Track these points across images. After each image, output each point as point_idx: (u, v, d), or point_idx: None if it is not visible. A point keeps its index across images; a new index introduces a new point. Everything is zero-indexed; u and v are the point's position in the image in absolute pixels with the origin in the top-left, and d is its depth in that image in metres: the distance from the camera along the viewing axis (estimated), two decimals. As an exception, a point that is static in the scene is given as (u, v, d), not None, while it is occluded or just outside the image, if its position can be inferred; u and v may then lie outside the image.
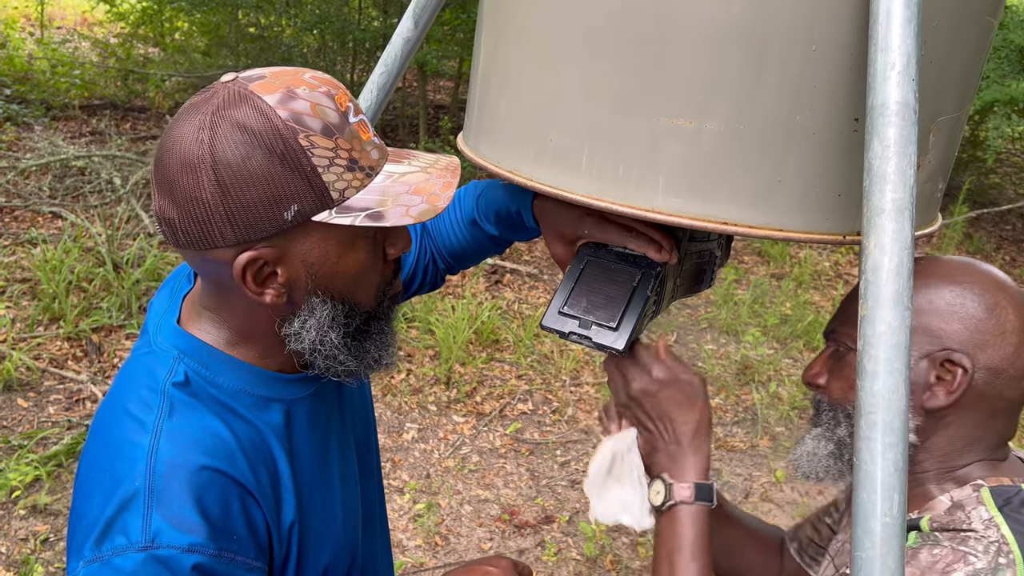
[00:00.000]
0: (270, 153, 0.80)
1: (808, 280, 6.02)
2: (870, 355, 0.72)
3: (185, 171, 0.80)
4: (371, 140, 0.88)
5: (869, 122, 0.76)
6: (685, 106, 0.86)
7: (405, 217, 0.84)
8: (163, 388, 0.89)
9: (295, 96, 0.82)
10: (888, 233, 0.73)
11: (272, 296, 0.87)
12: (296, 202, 0.81)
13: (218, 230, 0.82)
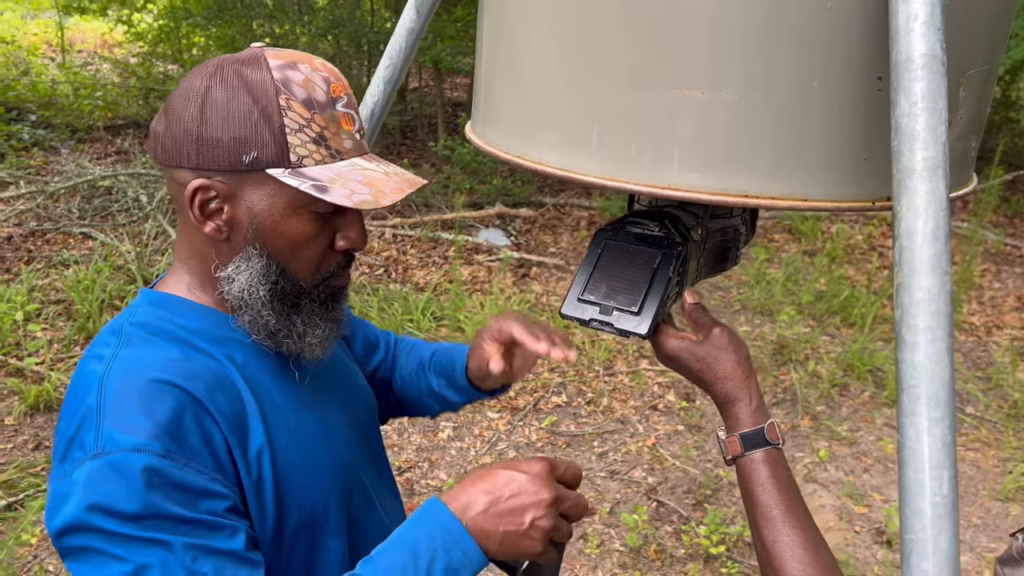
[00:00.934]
0: (252, 100, 0.88)
1: (841, 255, 5.91)
2: (909, 325, 0.68)
3: (183, 96, 0.90)
4: (350, 132, 0.94)
5: (894, 78, 0.72)
6: (696, 76, 0.82)
7: (346, 199, 0.89)
8: (121, 327, 0.94)
9: (295, 67, 0.91)
10: (921, 195, 0.69)
11: (212, 229, 0.92)
12: (257, 150, 0.89)
13: (186, 151, 0.90)
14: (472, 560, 0.85)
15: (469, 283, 5.07)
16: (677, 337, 1.03)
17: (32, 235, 5.29)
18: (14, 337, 4.02)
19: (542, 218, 6.17)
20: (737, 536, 3.19)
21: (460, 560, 0.84)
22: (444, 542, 0.84)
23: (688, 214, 1.11)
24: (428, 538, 0.85)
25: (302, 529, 0.97)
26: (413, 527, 0.87)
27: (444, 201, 6.12)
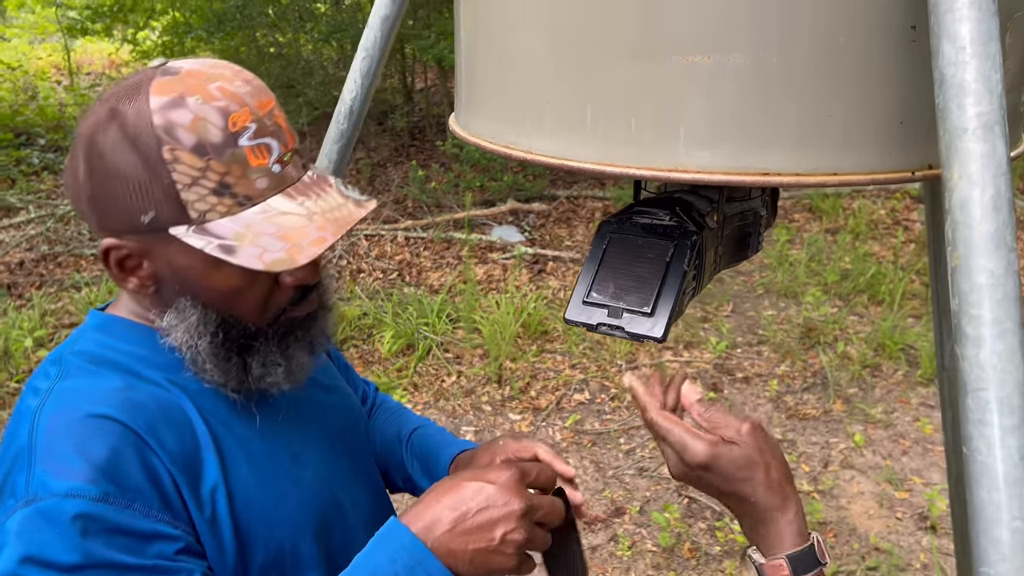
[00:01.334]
0: (137, 156, 0.77)
1: (865, 231, 5.74)
2: (970, 316, 0.57)
3: (75, 146, 0.82)
4: (263, 167, 0.81)
5: (934, 21, 0.60)
6: (700, 39, 0.71)
7: (256, 260, 0.79)
8: (62, 356, 0.88)
9: (182, 104, 0.78)
10: (976, 158, 0.57)
11: (136, 285, 0.85)
12: (153, 209, 0.79)
13: (85, 210, 0.83)
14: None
15: (484, 282, 4.97)
16: (706, 439, 0.83)
17: (43, 259, 5.26)
18: (26, 364, 3.98)
19: (556, 211, 6.06)
20: (774, 530, 3.07)
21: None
22: (407, 565, 0.76)
23: (702, 199, 1.00)
24: (389, 562, 0.76)
25: (270, 568, 0.88)
26: (374, 551, 0.78)
27: (455, 200, 6.03)
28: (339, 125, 1.16)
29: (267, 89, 0.85)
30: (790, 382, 4.04)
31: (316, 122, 7.01)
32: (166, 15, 8.68)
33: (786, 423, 3.74)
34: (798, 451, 3.55)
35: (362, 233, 5.60)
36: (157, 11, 8.70)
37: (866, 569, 2.91)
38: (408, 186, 6.25)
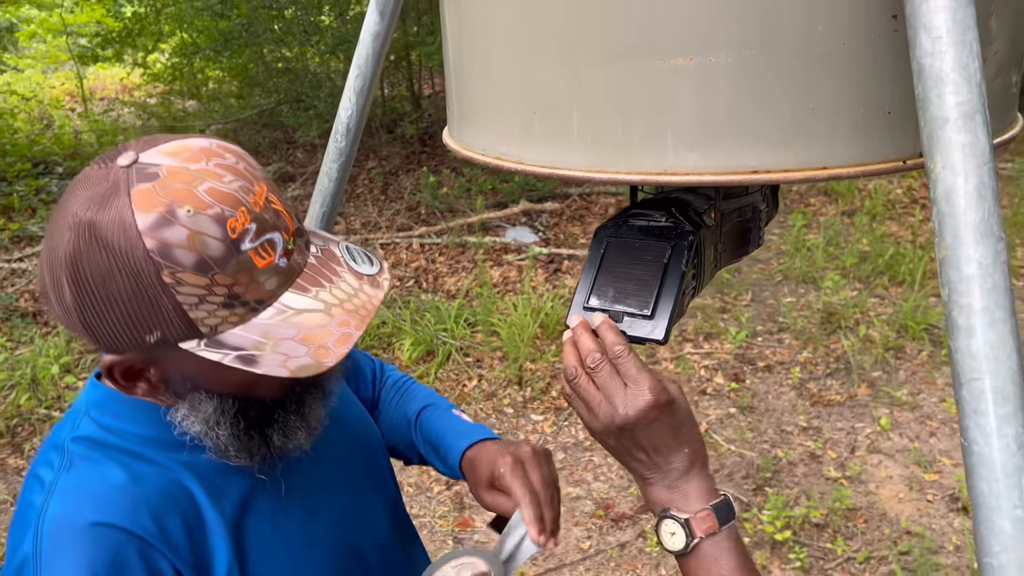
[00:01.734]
0: (129, 282, 0.71)
1: (882, 211, 5.69)
2: (960, 306, 0.57)
3: (52, 266, 0.73)
4: (271, 266, 0.75)
5: (910, 11, 0.60)
6: (678, 42, 0.72)
7: (280, 368, 0.74)
8: (63, 444, 0.84)
9: (173, 221, 0.70)
10: (957, 147, 0.57)
11: (144, 390, 0.80)
12: (159, 329, 0.73)
13: (81, 332, 0.75)
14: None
15: (500, 284, 4.98)
16: (668, 391, 0.83)
17: (66, 286, 5.34)
18: (54, 390, 4.04)
19: (569, 210, 6.05)
20: (803, 519, 3.05)
21: None
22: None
23: (699, 197, 1.00)
24: None
25: None
26: None
27: (468, 204, 6.04)
28: (337, 143, 1.17)
29: (257, 169, 0.78)
30: (813, 368, 4.02)
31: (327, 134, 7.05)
32: (174, 37, 8.77)
33: (810, 410, 3.72)
34: (824, 437, 3.52)
35: (378, 242, 5.63)
36: (165, 33, 8.80)
37: (898, 554, 2.88)
38: (420, 192, 6.27)
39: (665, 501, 0.84)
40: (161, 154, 0.74)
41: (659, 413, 0.81)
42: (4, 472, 3.57)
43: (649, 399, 0.80)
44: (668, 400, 0.82)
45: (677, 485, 0.84)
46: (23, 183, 6.99)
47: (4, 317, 4.82)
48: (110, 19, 9.31)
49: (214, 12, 7.67)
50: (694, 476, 0.84)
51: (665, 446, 0.83)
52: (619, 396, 0.82)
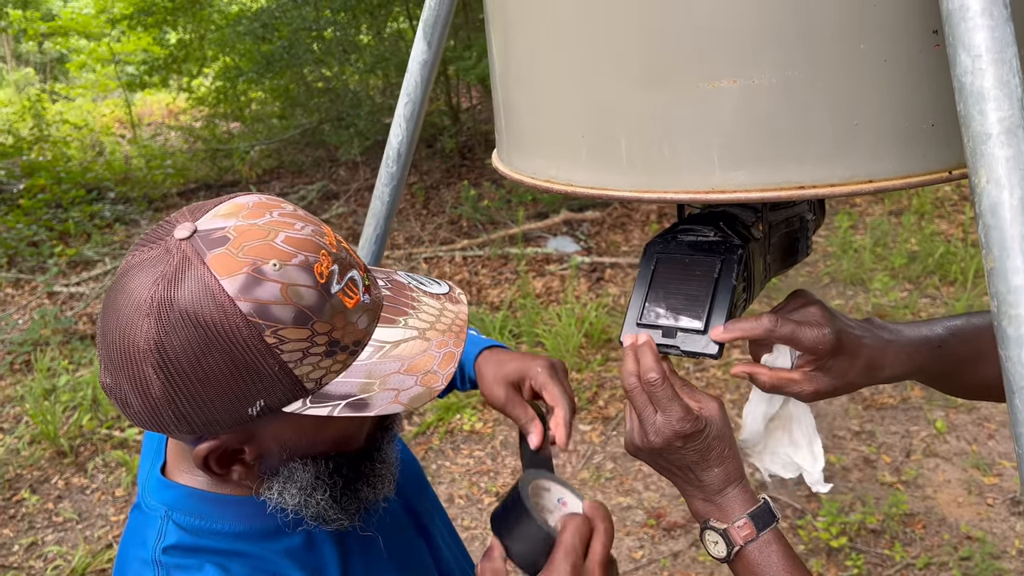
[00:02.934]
0: (228, 352, 0.67)
1: (930, 210, 5.60)
2: (1010, 316, 0.58)
3: (130, 361, 0.68)
4: (359, 304, 0.73)
5: (948, 31, 0.62)
6: (724, 64, 0.74)
7: (394, 404, 0.72)
8: (154, 558, 0.79)
9: (262, 279, 0.67)
10: (1001, 162, 0.59)
11: (240, 473, 0.77)
12: (262, 398, 0.70)
13: (171, 423, 0.71)
14: None
15: (543, 295, 5.01)
16: (711, 405, 0.88)
17: (122, 308, 5.50)
18: (114, 410, 4.17)
19: (610, 218, 6.06)
20: (859, 524, 3.01)
21: None
22: None
23: (746, 210, 1.02)
24: None
25: None
26: None
27: (509, 216, 6.09)
28: (388, 168, 1.21)
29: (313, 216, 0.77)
30: (863, 372, 3.96)
31: (368, 151, 7.17)
32: (217, 61, 9.00)
33: (863, 414, 3.67)
34: (878, 442, 3.48)
35: (421, 257, 5.70)
36: (209, 58, 9.03)
37: (959, 559, 2.83)
38: (462, 206, 6.34)
39: (704, 512, 0.88)
40: (219, 217, 0.71)
41: (685, 442, 0.85)
42: (70, 491, 3.69)
43: (675, 429, 0.85)
44: (695, 430, 0.85)
45: (713, 499, 0.87)
46: (77, 209, 7.22)
47: (64, 340, 4.99)
48: (156, 47, 9.61)
49: (256, 36, 7.86)
50: (729, 490, 0.87)
51: (696, 466, 0.87)
52: (649, 422, 0.86)
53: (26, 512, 3.54)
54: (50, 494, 3.67)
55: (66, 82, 14.07)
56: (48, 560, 3.25)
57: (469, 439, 3.78)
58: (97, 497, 3.64)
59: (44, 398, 4.20)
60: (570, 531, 0.84)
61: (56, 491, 3.69)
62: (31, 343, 4.91)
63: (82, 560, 3.16)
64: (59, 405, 4.16)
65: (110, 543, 3.31)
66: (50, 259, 6.24)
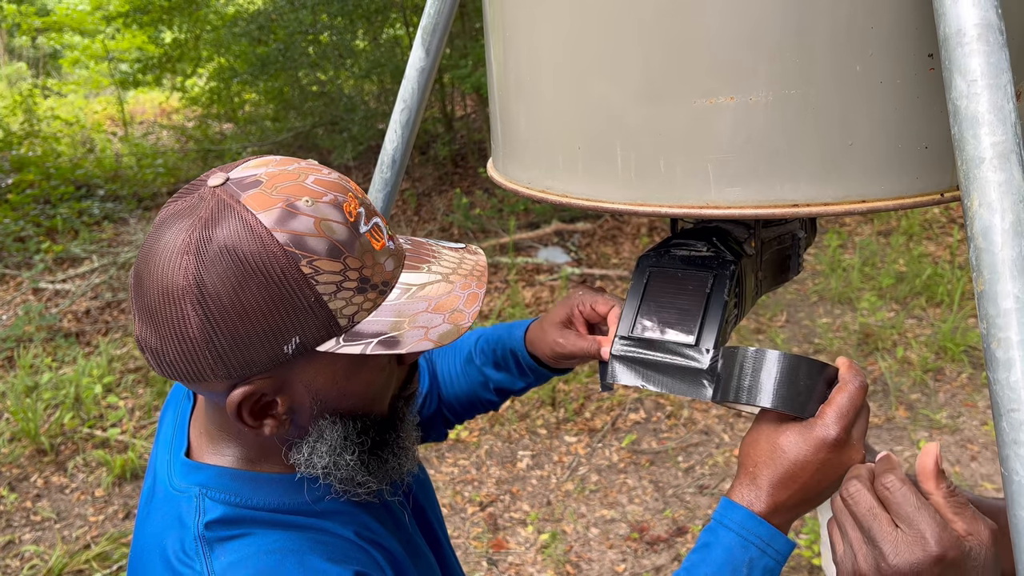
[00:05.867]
0: (266, 284, 0.69)
1: (919, 231, 5.64)
2: (999, 339, 0.58)
3: (167, 302, 0.70)
4: (385, 248, 0.77)
5: (944, 55, 0.63)
6: (721, 80, 0.74)
7: (424, 341, 0.75)
8: (197, 533, 0.77)
9: (296, 212, 0.70)
10: (994, 186, 0.59)
11: (272, 427, 0.78)
12: (298, 334, 0.71)
13: (208, 367, 0.72)
14: (786, 553, 0.81)
15: (533, 305, 5.01)
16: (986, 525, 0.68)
17: (108, 306, 5.46)
18: (96, 409, 4.13)
19: (601, 230, 6.08)
20: (840, 543, 3.02)
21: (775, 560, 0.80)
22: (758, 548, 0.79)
23: (739, 226, 1.03)
24: (742, 549, 0.79)
25: None
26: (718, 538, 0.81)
27: (500, 225, 6.09)
28: (383, 174, 1.21)
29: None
30: (849, 390, 3.98)
31: (361, 156, 7.17)
32: (212, 61, 8.98)
33: (847, 432, 3.68)
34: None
35: (411, 263, 5.68)
36: (203, 58, 9.01)
37: (939, 579, 2.84)
38: (453, 213, 6.34)
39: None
40: (250, 168, 0.75)
41: (942, 570, 0.63)
42: (49, 490, 3.66)
43: (933, 552, 0.63)
44: (958, 555, 0.64)
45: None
46: (66, 205, 7.18)
47: (48, 337, 4.95)
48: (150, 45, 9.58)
49: (252, 38, 7.85)
50: None
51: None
52: (888, 541, 0.66)
53: (3, 510, 3.50)
54: (29, 492, 3.63)
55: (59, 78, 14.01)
56: (25, 559, 3.21)
57: (454, 448, 3.77)
58: (76, 497, 3.60)
59: (26, 395, 4.16)
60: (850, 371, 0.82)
61: (35, 489, 3.65)
62: (14, 339, 4.87)
63: (59, 560, 3.13)
64: (41, 403, 4.12)
65: (88, 543, 3.28)
66: (36, 255, 6.20)
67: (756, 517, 0.79)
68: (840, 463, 0.79)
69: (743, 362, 0.83)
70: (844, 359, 0.83)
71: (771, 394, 0.81)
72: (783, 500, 0.80)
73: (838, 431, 0.78)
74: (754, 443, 0.83)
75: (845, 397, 0.79)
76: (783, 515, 0.80)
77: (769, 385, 0.81)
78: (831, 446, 0.78)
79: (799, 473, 0.79)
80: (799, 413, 0.81)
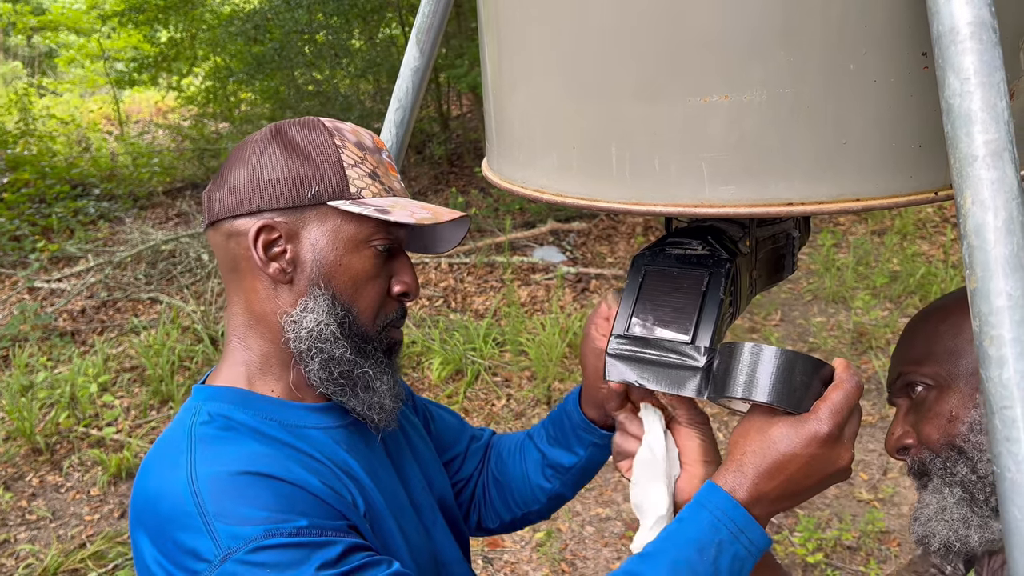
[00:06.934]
0: (309, 143, 0.93)
1: (913, 231, 5.65)
2: (991, 337, 0.59)
3: (241, 155, 0.95)
4: (396, 177, 1.00)
5: (938, 53, 0.63)
6: (715, 79, 0.74)
7: (409, 218, 0.92)
8: (189, 430, 0.90)
9: (342, 125, 0.98)
10: (986, 184, 0.59)
11: (276, 270, 0.93)
12: (318, 183, 0.92)
13: (246, 196, 0.92)
14: (760, 546, 0.81)
15: (528, 304, 5.01)
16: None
17: (104, 305, 5.45)
18: (92, 408, 4.12)
19: (596, 229, 6.08)
20: (835, 541, 3.03)
21: (747, 550, 0.80)
22: (731, 533, 0.79)
23: (733, 225, 1.03)
24: (712, 531, 0.79)
25: None
26: (694, 516, 0.81)
27: (496, 224, 6.09)
28: (378, 173, 1.21)
29: None
30: (844, 389, 3.99)
31: (356, 156, 7.15)
32: (208, 61, 8.97)
33: (842, 431, 3.69)
34: (855, 459, 3.50)
35: (407, 262, 5.69)
36: (199, 58, 9.00)
37: (933, 578, 2.85)
38: (449, 213, 6.33)
39: None
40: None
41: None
42: (44, 489, 3.65)
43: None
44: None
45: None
46: (61, 205, 7.16)
47: (44, 336, 4.94)
48: (146, 44, 9.56)
49: (247, 37, 7.84)
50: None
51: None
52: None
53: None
54: (24, 491, 3.62)
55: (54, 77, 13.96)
56: (20, 559, 3.21)
57: (450, 446, 3.77)
58: (72, 496, 3.59)
59: (21, 394, 4.15)
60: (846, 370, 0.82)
61: (30, 489, 3.65)
62: (9, 339, 4.85)
63: (55, 559, 3.12)
64: (36, 402, 4.11)
65: (83, 542, 3.28)
66: (32, 254, 6.18)
67: (734, 502, 0.79)
68: (828, 460, 0.79)
69: (740, 357, 0.83)
70: (841, 360, 0.84)
71: (767, 390, 0.81)
72: (766, 491, 0.80)
73: (831, 427, 0.78)
74: (745, 433, 0.83)
75: (841, 395, 0.79)
76: (764, 507, 0.81)
77: (765, 381, 0.81)
78: (822, 441, 0.78)
79: (786, 465, 0.79)
80: (794, 409, 0.81)
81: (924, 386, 0.91)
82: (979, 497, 0.84)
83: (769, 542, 0.81)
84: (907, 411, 0.94)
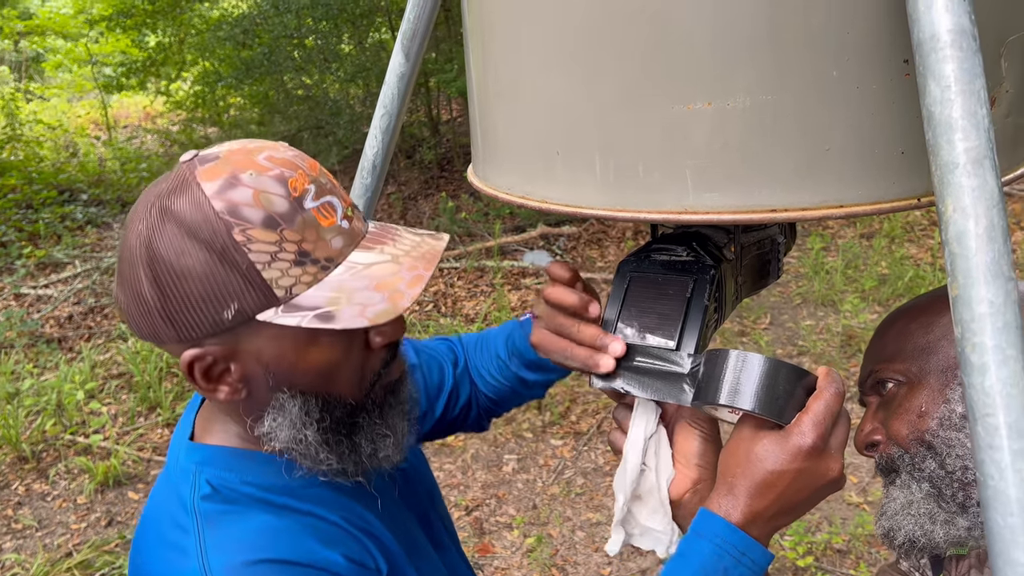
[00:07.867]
0: (204, 249, 0.74)
1: (901, 234, 5.68)
2: (973, 344, 0.59)
3: (129, 264, 0.77)
4: (335, 226, 0.79)
5: (919, 61, 0.63)
6: (697, 86, 0.74)
7: (360, 318, 0.76)
8: (192, 507, 0.82)
9: (237, 183, 0.75)
10: (967, 191, 0.59)
11: (227, 393, 0.81)
12: (236, 300, 0.75)
13: (160, 328, 0.78)
14: (763, 564, 0.79)
15: (519, 308, 5.01)
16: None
17: (91, 312, 5.42)
18: (79, 416, 4.10)
19: (586, 233, 6.09)
20: (825, 544, 3.03)
21: (751, 571, 0.79)
22: (733, 558, 0.78)
23: (719, 231, 1.03)
24: (716, 559, 0.78)
25: None
26: (694, 548, 0.79)
27: (486, 228, 6.09)
28: (363, 180, 1.21)
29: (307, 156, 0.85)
30: (833, 392, 4.00)
31: (346, 160, 7.15)
32: (196, 65, 8.94)
33: (831, 434, 3.70)
34: (845, 462, 3.50)
35: (396, 267, 5.67)
36: (188, 62, 8.97)
37: (922, 580, 2.86)
38: (439, 217, 6.33)
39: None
40: (221, 147, 0.81)
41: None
42: (30, 497, 3.62)
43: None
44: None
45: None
46: (48, 210, 7.12)
47: (30, 343, 4.90)
48: (134, 49, 9.52)
49: (236, 42, 7.82)
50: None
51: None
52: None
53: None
54: (10, 500, 3.59)
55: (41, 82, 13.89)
56: (6, 568, 3.18)
57: (440, 452, 3.76)
58: (58, 504, 3.57)
59: (7, 402, 4.11)
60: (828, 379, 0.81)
61: (16, 497, 3.61)
62: (-4, 345, 4.82)
63: (40, 568, 3.10)
64: (22, 409, 4.08)
65: (70, 551, 3.25)
66: (18, 260, 6.14)
67: (731, 527, 0.78)
68: (817, 472, 0.79)
69: (724, 364, 0.83)
70: (824, 368, 0.83)
71: (750, 397, 0.81)
72: (761, 509, 0.79)
73: (814, 439, 0.77)
74: (732, 453, 0.83)
75: (821, 404, 0.79)
76: (761, 526, 0.79)
77: (749, 388, 0.81)
78: (807, 454, 0.77)
79: (776, 482, 0.78)
80: (777, 419, 0.81)
81: (894, 383, 0.92)
82: (947, 492, 0.84)
83: (771, 557, 0.81)
84: (877, 408, 0.95)
